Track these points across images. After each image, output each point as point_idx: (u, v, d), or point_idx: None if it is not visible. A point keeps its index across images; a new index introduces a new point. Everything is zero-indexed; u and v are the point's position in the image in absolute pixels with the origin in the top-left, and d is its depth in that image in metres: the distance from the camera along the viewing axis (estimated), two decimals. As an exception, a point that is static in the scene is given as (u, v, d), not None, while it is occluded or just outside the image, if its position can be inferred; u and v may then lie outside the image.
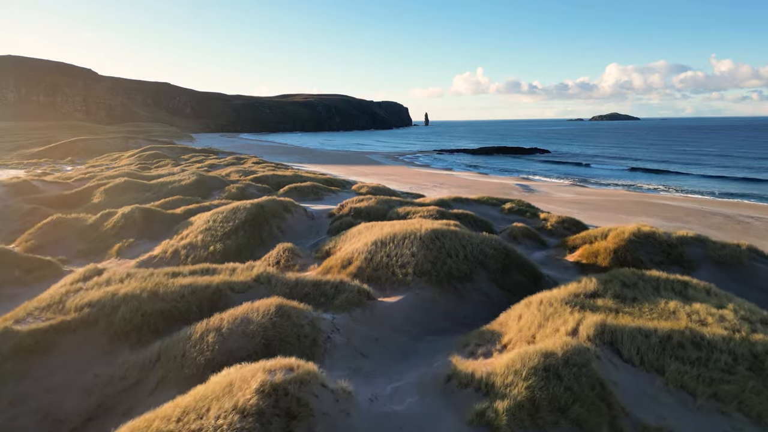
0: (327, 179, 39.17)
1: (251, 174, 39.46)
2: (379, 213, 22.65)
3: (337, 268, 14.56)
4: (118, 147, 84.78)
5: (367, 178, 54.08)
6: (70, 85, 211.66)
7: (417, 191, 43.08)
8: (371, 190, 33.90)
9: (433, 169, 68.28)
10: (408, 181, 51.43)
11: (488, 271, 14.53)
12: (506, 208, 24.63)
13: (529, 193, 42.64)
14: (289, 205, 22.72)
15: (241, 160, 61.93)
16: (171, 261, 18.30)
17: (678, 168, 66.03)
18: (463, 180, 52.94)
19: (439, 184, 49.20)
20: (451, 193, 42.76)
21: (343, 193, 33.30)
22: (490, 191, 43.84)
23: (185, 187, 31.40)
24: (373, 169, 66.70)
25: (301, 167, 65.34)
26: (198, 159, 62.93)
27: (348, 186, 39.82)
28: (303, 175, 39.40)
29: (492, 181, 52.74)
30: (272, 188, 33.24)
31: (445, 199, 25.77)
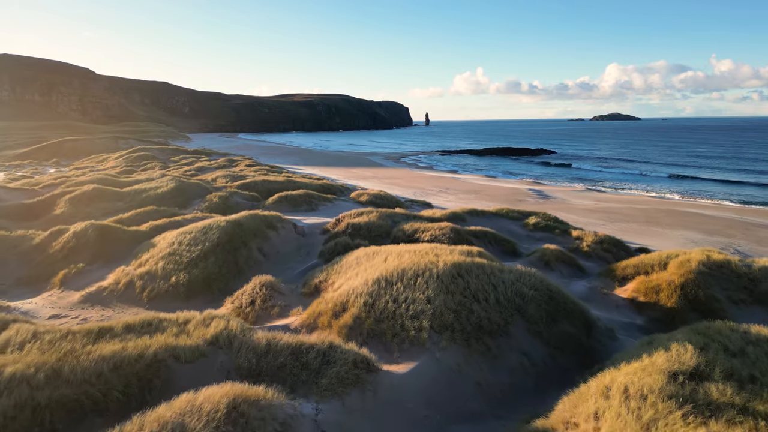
0: (323, 185, 35.61)
1: (240, 179, 35.88)
2: (382, 230, 19.06)
3: (328, 316, 10.96)
4: (107, 148, 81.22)
5: (368, 182, 50.53)
6: (65, 84, 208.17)
7: (421, 197, 39.52)
8: (372, 198, 30.32)
9: (437, 172, 64.67)
10: (411, 186, 47.85)
11: (528, 320, 10.92)
12: (531, 223, 21.02)
13: (544, 200, 39.05)
14: (274, 221, 19.14)
15: (234, 162, 58.36)
16: (123, 295, 14.73)
17: (695, 172, 62.34)
18: (471, 184, 49.34)
19: (444, 188, 45.61)
20: (459, 200, 39.18)
21: (341, 201, 29.71)
22: (502, 197, 40.29)
23: (162, 196, 27.81)
24: (373, 171, 63.12)
25: (297, 170, 61.79)
26: (188, 161, 59.38)
27: (346, 192, 36.27)
28: (297, 180, 35.83)
29: (501, 185, 49.15)
30: (261, 196, 29.66)
31: (457, 212, 22.17)
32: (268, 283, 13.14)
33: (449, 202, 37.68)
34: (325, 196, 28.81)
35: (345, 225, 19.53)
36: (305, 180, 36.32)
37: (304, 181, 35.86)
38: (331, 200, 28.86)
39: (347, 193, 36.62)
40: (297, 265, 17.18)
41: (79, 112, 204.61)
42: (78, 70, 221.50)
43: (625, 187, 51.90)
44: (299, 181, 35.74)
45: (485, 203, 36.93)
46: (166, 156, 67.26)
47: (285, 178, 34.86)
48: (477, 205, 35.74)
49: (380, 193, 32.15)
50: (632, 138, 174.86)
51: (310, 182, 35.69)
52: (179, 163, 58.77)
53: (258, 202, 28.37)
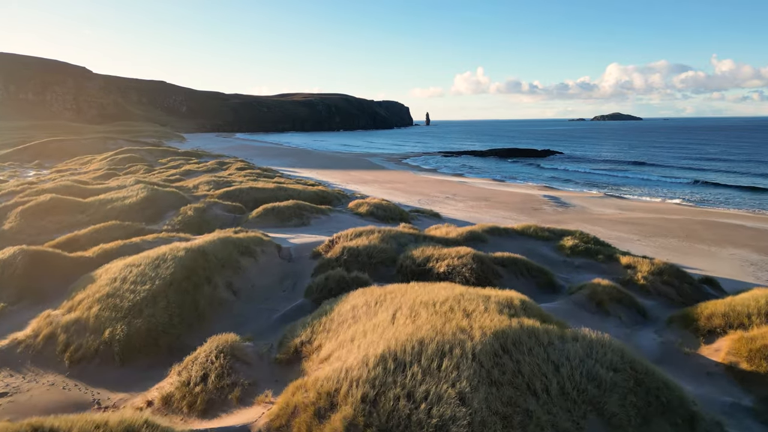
0: (318, 192, 31.91)
1: (225, 186, 32.17)
2: (385, 257, 15.34)
3: (308, 415, 7.23)
4: (95, 149, 77.51)
5: (368, 187, 46.82)
6: (60, 83, 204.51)
7: (427, 205, 35.81)
8: (372, 209, 26.61)
9: (442, 175, 60.93)
10: (415, 191, 44.12)
11: (609, 422, 7.22)
12: (567, 246, 17.26)
13: (563, 209, 35.33)
14: (251, 245, 15.44)
15: (224, 165, 54.64)
16: (41, 354, 11.01)
17: (716, 177, 58.51)
18: (479, 189, 45.62)
19: (451, 195, 41.88)
20: (469, 208, 35.45)
21: (337, 213, 26.00)
22: (516, 205, 36.58)
23: (129, 208, 24.08)
24: (374, 174, 59.40)
25: (292, 173, 58.09)
26: (176, 163, 55.66)
27: (344, 201, 32.59)
28: (289, 187, 32.11)
29: (513, 190, 45.41)
30: (246, 207, 25.95)
31: (476, 230, 18.43)
32: (228, 348, 9.38)
33: (458, 210, 33.96)
34: (318, 208, 25.07)
35: (340, 249, 15.81)
36: (298, 186, 32.59)
37: (296, 187, 32.13)
38: (326, 212, 25.13)
39: (345, 201, 32.94)
40: (278, 304, 13.47)
41: (74, 112, 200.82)
42: (73, 69, 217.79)
43: (645, 192, 48.19)
44: (291, 187, 32.02)
45: (499, 213, 33.23)
46: (154, 158, 63.57)
47: (275, 185, 31.13)
48: (489, 215, 32.02)
49: (381, 202, 28.43)
50: (638, 139, 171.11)
51: (303, 189, 31.97)
52: (166, 165, 55.07)
53: (242, 214, 24.66)
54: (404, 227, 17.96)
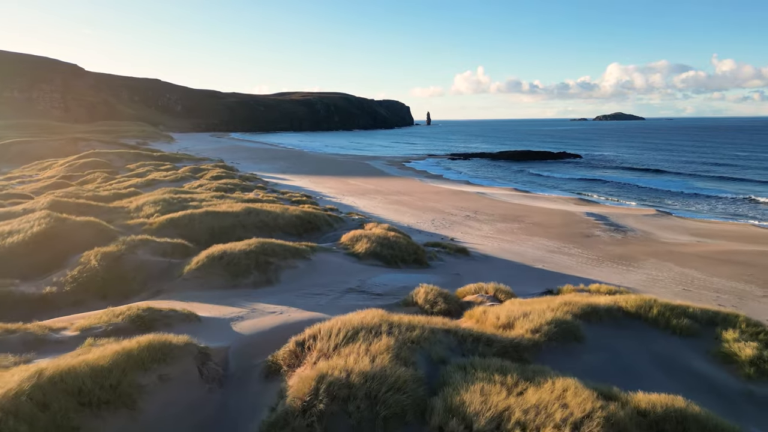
0: (303, 216, 23.90)
1: (178, 208, 24.13)
2: (405, 405, 7.26)
3: None
4: (63, 151, 69.49)
5: (369, 200, 38.77)
6: (48, 80, 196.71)
7: (445, 228, 27.81)
8: (376, 247, 18.60)
9: (454, 184, 52.83)
10: (426, 206, 36.09)
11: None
12: (743, 359, 9.16)
13: (621, 235, 27.30)
14: (124, 382, 7.36)
15: (199, 172, 46.64)
16: None
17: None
18: (504, 204, 37.56)
19: (472, 212, 33.85)
20: (499, 234, 27.38)
21: (324, 254, 17.94)
22: (558, 228, 28.52)
23: (11, 250, 16.01)
24: (375, 183, 51.36)
25: (281, 181, 50.04)
26: (144, 170, 47.59)
27: (337, 226, 24.64)
28: (264, 209, 24.06)
29: (546, 206, 37.33)
30: (192, 246, 17.91)
31: (561, 319, 10.22)
32: None
33: (488, 238, 25.91)
34: (296, 249, 16.96)
35: (314, 379, 7.69)
36: (276, 208, 24.50)
37: (273, 209, 24.06)
38: (307, 254, 17.04)
39: (338, 226, 24.92)
40: None
41: (62, 110, 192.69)
42: (63, 66, 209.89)
43: (701, 209, 40.19)
44: (267, 209, 23.96)
45: (542, 242, 25.16)
46: (123, 162, 55.53)
47: (242, 208, 23.02)
48: (531, 247, 23.98)
49: (387, 234, 20.35)
50: (651, 140, 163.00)
51: (282, 212, 23.91)
52: (133, 172, 47.04)
53: (183, 258, 16.60)
54: (439, 322, 9.82)
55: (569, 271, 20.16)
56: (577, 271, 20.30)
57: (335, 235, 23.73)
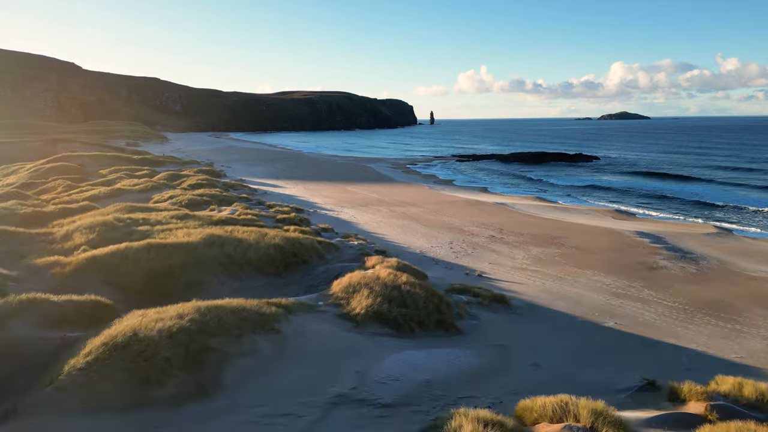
0: (285, 246, 18.08)
1: (126, 233, 18.30)
2: None
3: None
4: (38, 154, 63.76)
5: (371, 214, 32.91)
6: (41, 78, 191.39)
7: (468, 258, 21.95)
8: (381, 305, 12.80)
9: (469, 192, 46.86)
10: (441, 223, 30.23)
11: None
12: None
13: (694, 266, 21.39)
14: None
15: (177, 179, 40.88)
16: None
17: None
18: (534, 221, 31.64)
19: (497, 231, 27.96)
20: (538, 263, 21.27)
21: (304, 317, 12.05)
22: (609, 255, 22.58)
23: None
24: (379, 190, 45.52)
25: (271, 189, 44.20)
26: (114, 177, 41.75)
27: (330, 256, 18.98)
28: (233, 236, 18.21)
29: (584, 222, 31.37)
30: (124, 294, 12.10)
31: None
32: None
33: (525, 272, 20.01)
34: (259, 316, 11.06)
35: None
36: (250, 234, 18.62)
37: (247, 238, 18.19)
38: (277, 324, 11.16)
39: (332, 258, 19.19)
40: None
41: (56, 109, 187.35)
42: (58, 64, 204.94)
43: (764, 223, 34.27)
44: (237, 238, 18.10)
45: (595, 278, 19.22)
46: (97, 167, 49.79)
47: (203, 237, 17.17)
48: (582, 286, 18.01)
49: (398, 281, 14.43)
50: (665, 140, 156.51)
51: (258, 240, 18.06)
52: (102, 179, 41.22)
53: (89, 329, 10.71)
54: None
55: (654, 333, 14.28)
56: (665, 332, 14.40)
57: (327, 271, 17.92)
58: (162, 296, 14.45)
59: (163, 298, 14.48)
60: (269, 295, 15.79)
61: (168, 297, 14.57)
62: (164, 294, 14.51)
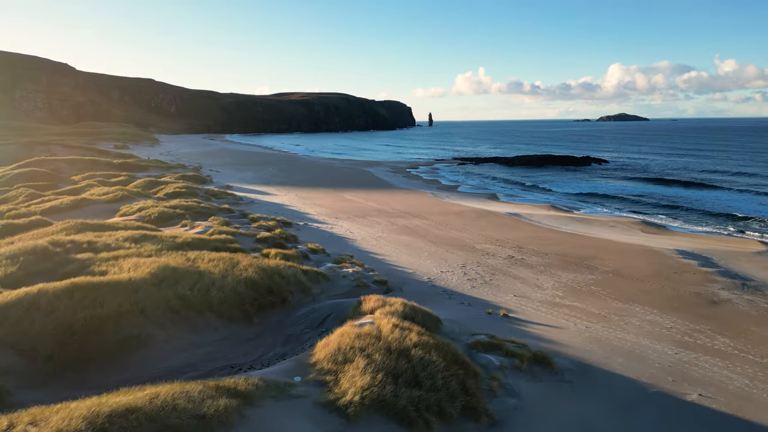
0: (257, 281, 14.25)
1: (60, 263, 14.39)
2: None
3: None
4: (14, 157, 59.61)
5: (370, 227, 29.02)
6: (32, 79, 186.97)
7: (487, 288, 18.12)
8: (387, 378, 8.97)
9: (477, 200, 42.95)
10: (450, 240, 26.36)
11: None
12: None
13: (762, 299, 17.50)
14: None
15: (155, 186, 37.00)
16: None
17: None
18: (555, 236, 27.76)
19: (515, 249, 24.10)
20: (567, 289, 17.39)
21: (271, 407, 8.15)
22: (653, 283, 18.69)
23: None
24: (378, 198, 41.65)
25: (259, 197, 40.28)
26: (87, 184, 37.78)
27: (318, 293, 15.29)
28: (194, 269, 14.34)
29: (612, 238, 27.46)
30: (28, 362, 8.17)
31: None
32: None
33: (561, 309, 16.13)
34: (197, 425, 7.20)
35: None
36: (216, 266, 14.75)
37: (211, 270, 14.31)
38: (229, 427, 7.29)
39: (320, 293, 15.48)
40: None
41: (46, 111, 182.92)
42: (48, 65, 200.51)
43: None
44: (198, 272, 14.22)
45: (656, 319, 15.31)
46: (71, 172, 45.81)
47: (153, 271, 13.25)
48: (637, 328, 13.98)
49: (406, 343, 10.53)
50: (670, 142, 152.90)
51: (225, 273, 14.21)
52: (71, 187, 37.23)
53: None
54: None
55: (759, 412, 10.39)
56: (772, 409, 10.51)
57: (313, 311, 14.14)
58: (82, 362, 10.56)
59: (83, 366, 10.58)
60: (232, 353, 11.90)
61: (90, 363, 10.68)
62: (86, 359, 10.61)
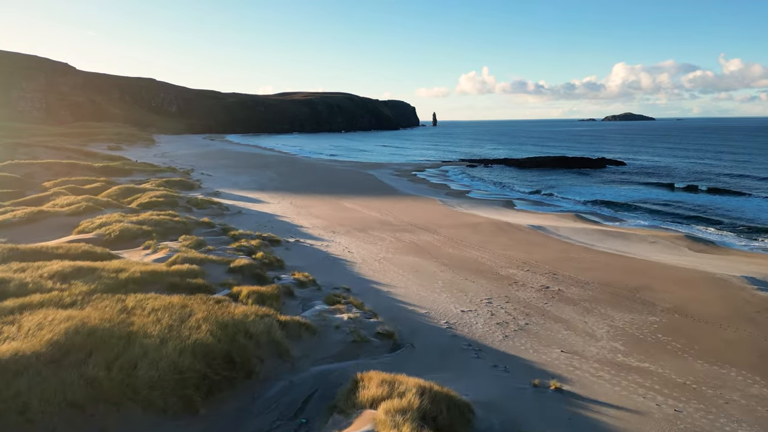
0: (211, 348, 9.97)
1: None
2: None
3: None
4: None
5: (372, 247, 24.81)
6: (29, 79, 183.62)
7: (525, 338, 13.80)
8: None
9: (491, 209, 38.63)
10: (468, 262, 22.17)
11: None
12: None
13: None
14: None
15: (131, 194, 32.91)
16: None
17: None
18: (590, 255, 23.48)
19: (548, 275, 19.90)
20: (628, 338, 12.15)
21: None
22: (738, 330, 14.42)
23: None
24: (381, 206, 37.44)
25: (249, 205, 36.10)
26: (53, 192, 33.71)
27: (300, 356, 11.36)
28: (123, 330, 10.12)
29: (665, 261, 23.08)
30: None
31: None
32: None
33: (631, 378, 11.86)
34: None
35: None
36: (169, 311, 10.60)
37: (150, 329, 10.13)
38: None
39: (301, 357, 12.00)
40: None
41: (44, 111, 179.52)
42: (48, 64, 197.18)
43: None
44: (127, 335, 10.08)
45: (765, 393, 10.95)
46: (48, 176, 41.77)
47: (54, 339, 9.10)
48: (743, 406, 9.65)
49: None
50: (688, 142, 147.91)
51: (166, 333, 10.02)
52: (39, 195, 33.20)
53: None
54: None
55: None
56: None
57: (290, 389, 10.14)
58: None
59: None
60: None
61: None
62: None
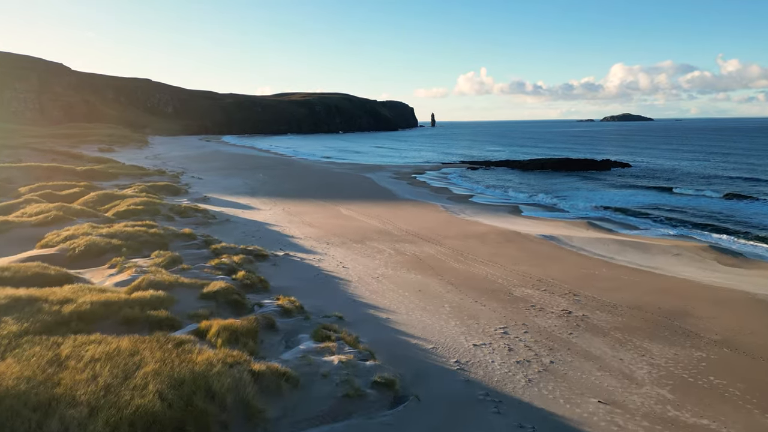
0: (158, 411, 7.49)
1: None
2: None
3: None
4: (-28, 163, 53.46)
5: (369, 262, 22.46)
6: (22, 79, 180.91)
7: (551, 383, 11.37)
8: None
9: (497, 215, 36.31)
10: (474, 279, 19.90)
11: None
12: None
13: None
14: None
15: (111, 201, 30.58)
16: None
17: None
18: (613, 272, 21.23)
19: (569, 297, 17.59)
20: (666, 379, 10.51)
21: None
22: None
23: None
24: (380, 213, 35.12)
25: (239, 212, 33.75)
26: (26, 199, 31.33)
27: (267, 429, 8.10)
28: (43, 396, 7.74)
29: (696, 279, 20.80)
30: None
31: None
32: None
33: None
34: None
35: None
36: (114, 359, 8.26)
37: (81, 392, 7.80)
38: None
39: (275, 416, 8.75)
40: None
41: (37, 111, 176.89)
42: (42, 65, 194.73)
43: None
44: (48, 400, 7.65)
45: None
46: (27, 181, 39.42)
47: None
48: None
49: None
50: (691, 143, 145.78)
51: (101, 395, 7.62)
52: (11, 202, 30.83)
53: None
54: None
55: None
56: None
57: None
58: None
59: None
60: None
61: None
62: None
